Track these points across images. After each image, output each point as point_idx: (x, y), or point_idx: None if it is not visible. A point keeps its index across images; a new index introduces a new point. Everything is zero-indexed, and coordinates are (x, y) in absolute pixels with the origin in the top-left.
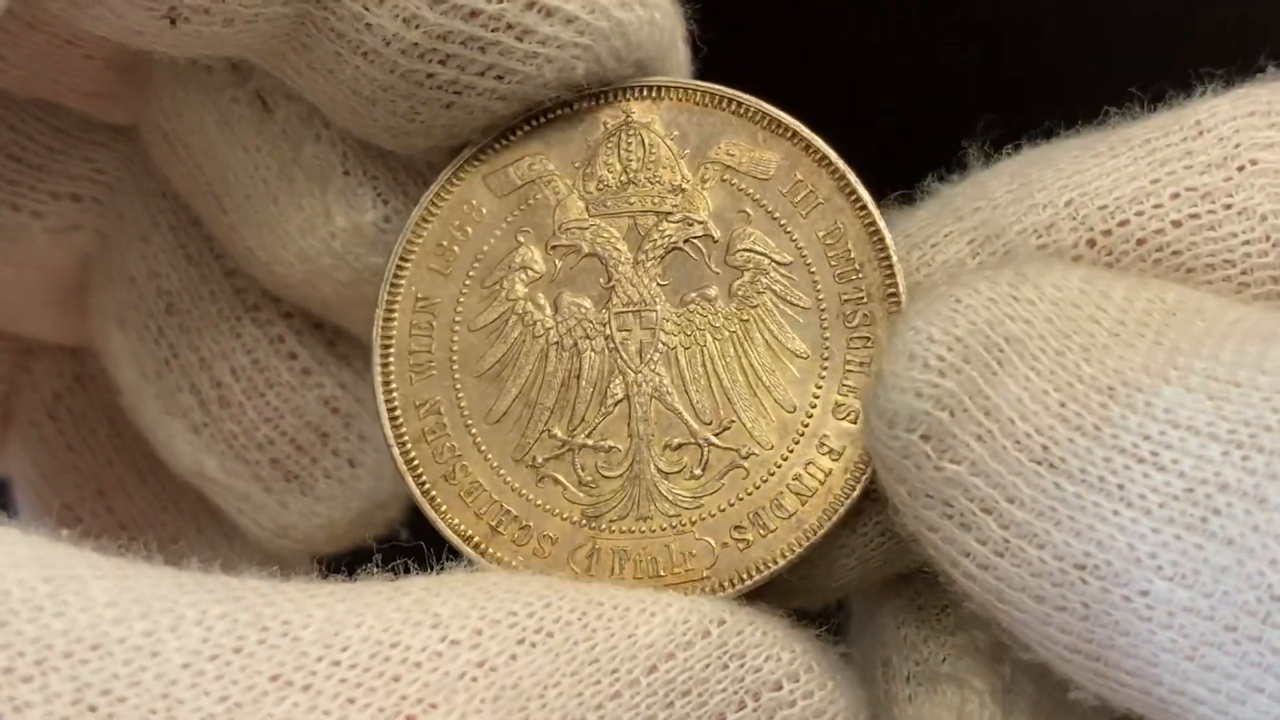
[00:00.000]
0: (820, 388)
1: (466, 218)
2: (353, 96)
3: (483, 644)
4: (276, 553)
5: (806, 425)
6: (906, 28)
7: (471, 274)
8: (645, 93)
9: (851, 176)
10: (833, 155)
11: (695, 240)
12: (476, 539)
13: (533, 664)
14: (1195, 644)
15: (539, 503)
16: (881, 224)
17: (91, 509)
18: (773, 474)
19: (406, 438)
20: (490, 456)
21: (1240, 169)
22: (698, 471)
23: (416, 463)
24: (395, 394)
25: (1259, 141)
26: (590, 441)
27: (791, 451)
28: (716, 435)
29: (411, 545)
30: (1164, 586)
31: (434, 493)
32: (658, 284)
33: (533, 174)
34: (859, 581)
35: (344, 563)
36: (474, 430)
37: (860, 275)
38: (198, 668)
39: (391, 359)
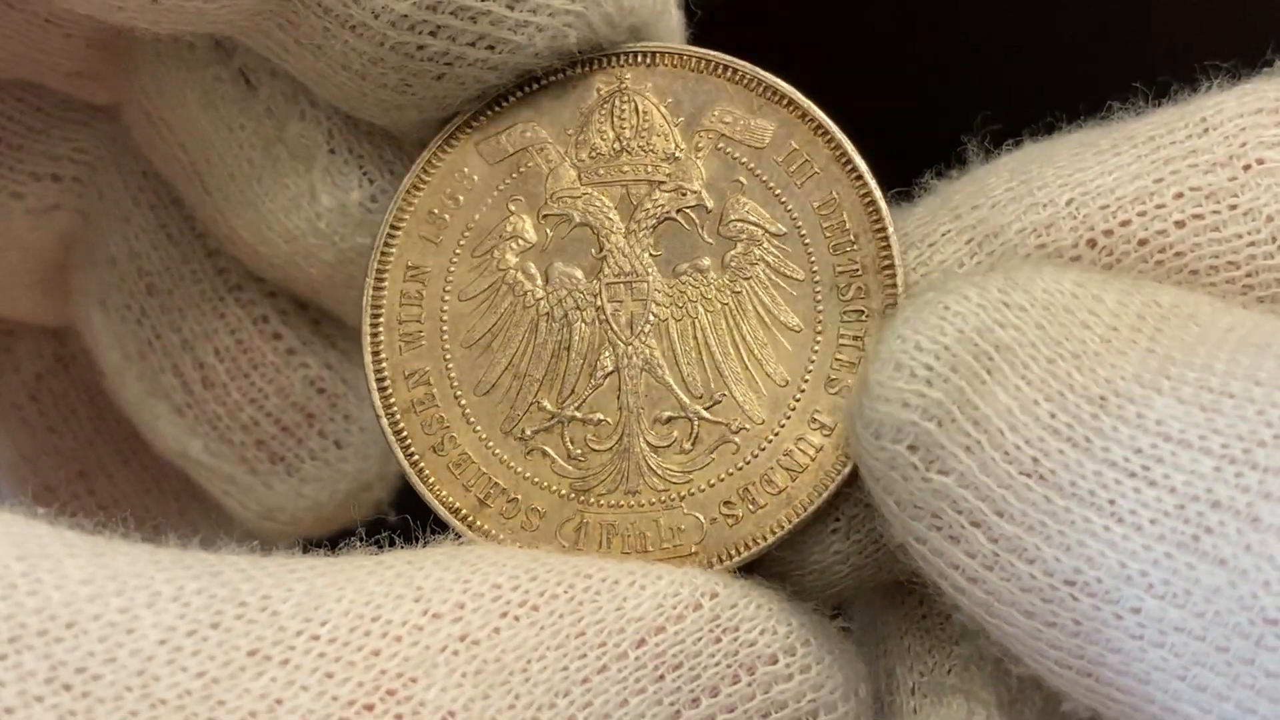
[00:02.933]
0: (813, 362)
1: (458, 186)
2: (341, 71)
3: (465, 617)
4: (262, 535)
5: (798, 400)
6: (904, 21)
7: (462, 243)
8: (639, 59)
9: (848, 145)
10: (829, 124)
11: (688, 210)
12: (464, 511)
13: (516, 637)
14: (1187, 664)
15: (527, 475)
16: (878, 194)
17: (73, 491)
18: (763, 449)
19: (395, 409)
20: (479, 428)
21: (1246, 168)
22: (687, 446)
23: (405, 434)
24: (385, 364)
25: (1266, 140)
26: (580, 414)
27: (783, 426)
28: (707, 409)
29: (396, 521)
30: (1155, 605)
31: (422, 465)
32: (650, 254)
33: (525, 141)
34: (855, 587)
35: (327, 539)
36: (463, 401)
37: (855, 247)
38: (174, 644)
39: (381, 329)
